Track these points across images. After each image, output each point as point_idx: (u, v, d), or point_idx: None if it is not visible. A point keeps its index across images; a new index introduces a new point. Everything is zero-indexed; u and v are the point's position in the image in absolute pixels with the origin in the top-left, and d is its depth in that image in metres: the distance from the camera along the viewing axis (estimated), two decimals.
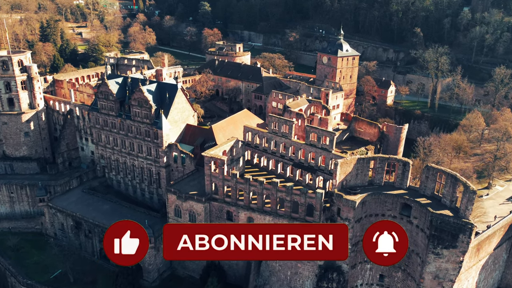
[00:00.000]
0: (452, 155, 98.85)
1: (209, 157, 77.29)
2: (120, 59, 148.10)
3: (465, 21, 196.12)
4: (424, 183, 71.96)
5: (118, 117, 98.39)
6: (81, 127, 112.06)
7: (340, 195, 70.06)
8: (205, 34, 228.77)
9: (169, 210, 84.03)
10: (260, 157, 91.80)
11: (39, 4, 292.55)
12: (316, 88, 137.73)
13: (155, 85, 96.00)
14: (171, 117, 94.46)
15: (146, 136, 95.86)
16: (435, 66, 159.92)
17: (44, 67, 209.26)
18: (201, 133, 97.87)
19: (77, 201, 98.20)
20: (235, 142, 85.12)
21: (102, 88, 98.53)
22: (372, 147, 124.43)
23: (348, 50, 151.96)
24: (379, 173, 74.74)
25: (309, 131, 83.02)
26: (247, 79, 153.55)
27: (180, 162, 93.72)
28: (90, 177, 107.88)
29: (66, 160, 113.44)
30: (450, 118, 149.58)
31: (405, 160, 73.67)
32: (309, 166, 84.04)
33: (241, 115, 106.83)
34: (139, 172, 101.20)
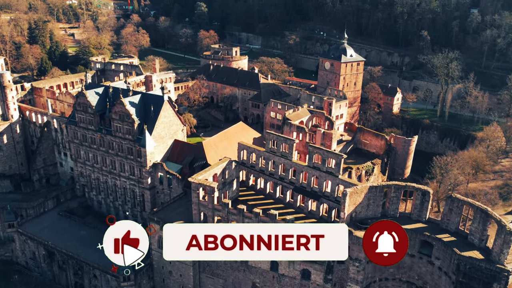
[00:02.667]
0: (470, 174, 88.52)
1: (196, 184, 66.81)
2: (107, 64, 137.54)
3: (474, 24, 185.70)
4: (447, 216, 61.63)
5: (98, 132, 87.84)
6: (60, 141, 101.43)
7: (350, 231, 59.71)
8: (200, 36, 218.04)
9: (152, 241, 73.52)
10: (257, 178, 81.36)
11: (30, 4, 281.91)
12: (318, 97, 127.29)
13: (139, 97, 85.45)
14: (156, 132, 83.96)
15: (129, 153, 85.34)
16: (445, 72, 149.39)
17: (31, 70, 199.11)
18: (191, 150, 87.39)
19: (52, 226, 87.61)
20: (227, 163, 74.74)
21: (80, 100, 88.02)
22: (379, 161, 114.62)
23: (352, 55, 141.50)
24: (394, 203, 64.48)
25: (312, 151, 72.49)
26: (244, 86, 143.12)
27: (166, 184, 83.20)
28: (68, 197, 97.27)
29: (43, 177, 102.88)
30: (462, 128, 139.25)
31: (425, 189, 63.25)
32: (312, 191, 73.57)
33: (235, 129, 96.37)
34: (122, 193, 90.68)
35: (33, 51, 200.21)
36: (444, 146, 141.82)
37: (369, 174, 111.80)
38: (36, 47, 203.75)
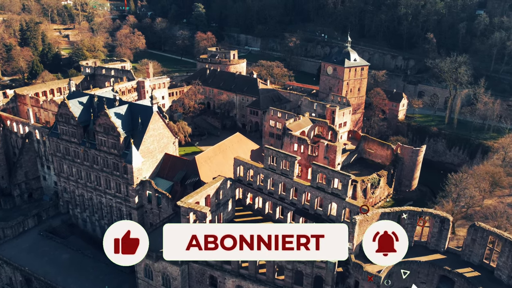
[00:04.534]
0: (487, 191, 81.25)
1: (186, 208, 59.51)
2: (97, 68, 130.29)
3: (482, 26, 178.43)
4: (469, 247, 54.45)
5: (81, 145, 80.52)
6: (42, 153, 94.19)
7: (359, 265, 52.56)
8: (197, 38, 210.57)
9: (138, 269, 66.20)
10: (255, 197, 74.06)
11: (23, 4, 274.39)
12: (320, 104, 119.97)
13: (126, 107, 78.13)
14: (144, 146, 76.65)
15: (114, 169, 78.03)
16: (453, 77, 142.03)
17: (22, 73, 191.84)
18: (183, 165, 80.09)
19: (31, 248, 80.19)
20: (222, 182, 67.44)
21: (62, 110, 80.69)
22: (385, 173, 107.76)
23: (356, 60, 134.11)
24: (409, 231, 57.05)
25: (316, 170, 65.17)
26: (242, 92, 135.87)
27: (155, 203, 75.88)
28: (50, 214, 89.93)
29: (25, 191, 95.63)
30: (471, 136, 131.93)
31: (444, 215, 56.02)
32: (316, 214, 66.31)
33: (231, 141, 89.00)
34: (108, 211, 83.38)
35: (24, 53, 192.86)
36: (453, 155, 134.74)
37: (375, 187, 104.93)
38: (27, 50, 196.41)
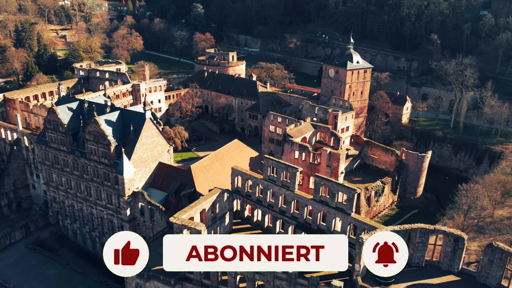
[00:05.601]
0: (498, 201, 77.03)
1: (179, 225, 55.22)
2: (91, 71, 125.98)
3: (487, 27, 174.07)
4: (486, 269, 50.11)
5: (71, 154, 76.25)
6: (31, 161, 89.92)
7: None
8: (196, 39, 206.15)
9: None
10: (253, 209, 69.77)
11: (20, 5, 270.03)
12: (322, 108, 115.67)
13: (117, 114, 73.84)
14: (137, 156, 72.36)
15: (105, 180, 73.76)
16: (459, 80, 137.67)
17: (16, 75, 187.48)
18: (177, 175, 75.78)
19: (17, 262, 76.08)
20: (218, 195, 63.17)
21: (50, 116, 76.41)
22: (389, 180, 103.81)
23: (359, 62, 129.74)
24: (420, 250, 52.87)
25: (319, 183, 60.84)
26: (241, 95, 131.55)
27: (148, 216, 71.62)
28: (39, 225, 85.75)
29: (13, 201, 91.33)
30: (478, 141, 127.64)
31: (458, 234, 51.68)
32: (319, 229, 62.00)
33: (229, 148, 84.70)
34: (99, 223, 79.10)
35: (19, 54, 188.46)
36: (459, 160, 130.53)
37: (379, 194, 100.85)
38: (21, 51, 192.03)
